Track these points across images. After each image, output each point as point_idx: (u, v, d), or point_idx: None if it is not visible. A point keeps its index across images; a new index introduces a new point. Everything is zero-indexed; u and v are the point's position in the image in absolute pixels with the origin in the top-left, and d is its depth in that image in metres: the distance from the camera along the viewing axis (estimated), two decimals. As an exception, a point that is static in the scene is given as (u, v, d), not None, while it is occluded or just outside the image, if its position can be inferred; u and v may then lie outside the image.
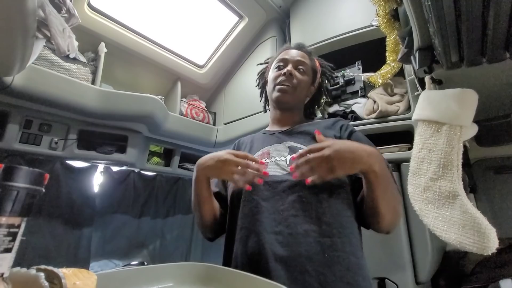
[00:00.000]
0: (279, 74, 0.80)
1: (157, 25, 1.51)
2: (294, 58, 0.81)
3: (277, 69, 0.82)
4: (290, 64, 0.81)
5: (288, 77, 0.78)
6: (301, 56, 0.82)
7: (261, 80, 0.96)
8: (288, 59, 0.82)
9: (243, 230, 0.64)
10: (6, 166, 0.28)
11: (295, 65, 0.81)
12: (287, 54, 0.83)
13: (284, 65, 0.82)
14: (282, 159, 0.70)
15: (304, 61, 0.82)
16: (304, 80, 0.81)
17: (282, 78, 0.79)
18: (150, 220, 1.68)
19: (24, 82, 1.01)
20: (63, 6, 0.79)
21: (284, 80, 0.79)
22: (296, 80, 0.79)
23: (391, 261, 0.95)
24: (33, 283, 0.30)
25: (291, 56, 0.82)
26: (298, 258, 0.57)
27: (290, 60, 0.81)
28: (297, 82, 0.79)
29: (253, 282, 0.46)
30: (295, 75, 0.79)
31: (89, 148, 1.32)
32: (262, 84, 0.96)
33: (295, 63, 0.81)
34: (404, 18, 0.79)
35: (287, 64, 0.81)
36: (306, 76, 0.82)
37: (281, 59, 0.83)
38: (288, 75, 0.78)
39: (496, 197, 1.23)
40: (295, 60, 0.81)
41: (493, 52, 0.57)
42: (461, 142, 0.65)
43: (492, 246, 0.56)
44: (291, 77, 0.78)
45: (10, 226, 0.27)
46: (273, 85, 0.81)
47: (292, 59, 0.81)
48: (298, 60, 0.81)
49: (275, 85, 0.80)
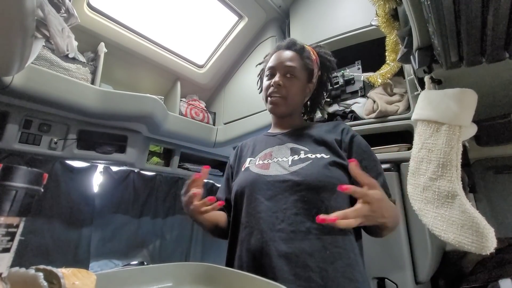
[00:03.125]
0: (269, 85, 0.79)
1: (156, 25, 1.51)
2: (282, 64, 0.79)
3: (267, 77, 0.81)
4: (277, 72, 0.79)
5: (277, 87, 0.77)
6: (290, 59, 0.79)
7: (261, 83, 0.95)
8: (275, 66, 0.80)
9: (247, 229, 0.66)
10: (5, 166, 0.28)
11: (284, 72, 0.78)
12: (276, 60, 0.81)
13: (272, 73, 0.80)
14: (284, 159, 0.71)
15: (293, 65, 0.78)
16: (295, 86, 0.79)
17: (272, 90, 0.78)
18: (150, 220, 1.68)
19: (24, 82, 1.01)
20: (62, 6, 0.79)
21: (274, 92, 0.78)
22: (286, 89, 0.77)
23: (391, 261, 0.96)
24: (32, 283, 0.30)
25: (279, 62, 0.80)
26: (301, 255, 0.58)
27: (277, 67, 0.79)
28: (286, 91, 0.77)
29: (252, 282, 0.46)
30: (284, 85, 0.77)
31: (89, 148, 1.32)
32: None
33: (283, 70, 0.78)
34: (404, 18, 0.79)
35: (275, 72, 0.80)
36: (297, 80, 0.79)
37: (270, 67, 0.81)
38: (276, 86, 0.77)
39: (495, 197, 1.23)
40: (283, 67, 0.79)
41: (492, 52, 0.57)
42: (460, 142, 0.66)
43: (490, 246, 0.57)
44: (280, 87, 0.77)
45: (8, 226, 0.27)
46: (265, 96, 0.81)
47: (280, 65, 0.79)
48: (286, 66, 0.78)
49: (266, 97, 0.81)
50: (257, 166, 0.74)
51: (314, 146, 0.72)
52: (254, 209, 0.66)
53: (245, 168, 0.77)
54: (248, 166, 0.76)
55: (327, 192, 0.63)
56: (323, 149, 0.71)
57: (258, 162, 0.75)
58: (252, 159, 0.78)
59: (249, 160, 0.78)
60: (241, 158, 0.84)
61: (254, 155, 0.79)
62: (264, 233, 0.62)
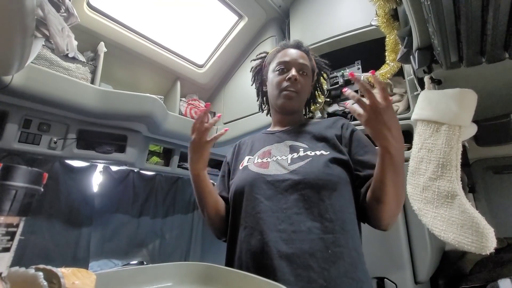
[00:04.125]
0: (283, 79, 0.77)
1: (156, 25, 1.51)
2: (297, 61, 0.78)
3: (279, 72, 0.79)
4: (293, 68, 0.77)
5: (293, 82, 0.76)
6: (302, 57, 0.80)
7: (258, 78, 0.93)
8: (290, 62, 0.78)
9: (247, 229, 0.65)
10: (5, 166, 0.28)
11: (298, 69, 0.78)
12: (288, 56, 0.80)
13: (287, 68, 0.78)
14: (283, 158, 0.70)
15: (306, 63, 0.80)
16: (307, 83, 0.80)
17: (287, 84, 0.76)
18: (150, 220, 1.68)
19: (23, 82, 1.01)
20: (62, 5, 0.79)
21: (289, 86, 0.76)
22: (300, 85, 0.77)
23: (390, 261, 0.96)
24: (31, 282, 0.30)
25: (292, 58, 0.79)
26: (302, 255, 0.57)
27: (292, 63, 0.78)
28: (301, 87, 0.78)
29: (252, 282, 0.46)
30: (299, 80, 0.77)
31: (88, 147, 1.32)
32: (260, 82, 0.92)
33: (298, 67, 0.78)
34: (404, 18, 0.79)
35: (290, 67, 0.78)
36: (308, 79, 0.80)
37: (283, 62, 0.79)
38: (293, 80, 0.76)
39: (495, 197, 1.23)
40: (297, 63, 0.78)
41: (492, 52, 0.57)
42: (460, 142, 0.66)
43: (490, 245, 0.57)
44: (296, 82, 0.76)
45: (8, 225, 0.27)
46: (278, 90, 0.78)
47: (295, 62, 0.78)
48: (300, 63, 0.78)
49: (280, 91, 0.78)
50: (256, 164, 0.73)
51: (314, 142, 0.72)
52: (254, 209, 0.65)
53: (244, 166, 0.75)
54: (246, 165, 0.75)
55: (327, 190, 0.63)
56: (323, 146, 0.70)
57: (257, 161, 0.74)
58: (250, 158, 0.77)
59: (247, 158, 0.77)
60: (238, 156, 0.83)
61: (253, 153, 0.78)
62: (264, 234, 0.61)
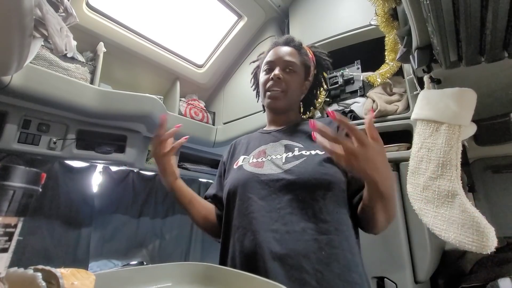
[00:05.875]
0: (268, 79, 0.78)
1: (156, 25, 1.51)
2: (282, 59, 0.78)
3: (265, 72, 0.80)
4: (277, 66, 0.77)
5: (276, 81, 0.76)
6: (289, 54, 0.79)
7: (255, 80, 0.94)
8: (274, 61, 0.78)
9: (240, 229, 0.64)
10: (3, 166, 0.28)
11: (283, 67, 0.77)
12: (275, 55, 0.79)
13: (271, 68, 0.79)
14: (278, 157, 0.70)
15: (292, 60, 0.78)
16: (295, 80, 0.78)
17: (271, 84, 0.77)
18: (149, 220, 1.68)
19: (22, 82, 1.00)
20: (60, 5, 0.78)
21: (272, 85, 0.76)
22: (285, 83, 0.76)
23: (390, 260, 0.95)
24: (30, 283, 0.30)
25: (278, 56, 0.79)
26: (295, 256, 0.56)
27: (276, 61, 0.78)
28: (286, 85, 0.76)
29: (252, 282, 0.46)
30: (283, 79, 0.76)
31: (88, 148, 1.32)
32: (256, 84, 0.93)
33: (283, 64, 0.77)
34: (403, 17, 0.79)
35: (274, 66, 0.78)
36: (296, 75, 0.78)
37: (268, 61, 0.80)
38: (276, 79, 0.76)
39: (494, 196, 1.23)
40: (282, 61, 0.78)
41: (491, 52, 0.57)
42: (460, 141, 0.66)
43: (491, 245, 0.57)
44: (280, 81, 0.76)
45: (6, 225, 0.27)
46: (263, 90, 0.79)
47: (279, 60, 0.78)
48: (285, 60, 0.77)
49: (265, 91, 0.79)
50: (250, 164, 0.73)
51: (309, 142, 0.71)
52: (247, 209, 0.64)
53: (238, 166, 0.75)
54: (241, 164, 0.74)
55: (321, 190, 0.62)
56: (319, 145, 0.70)
57: (252, 160, 0.74)
58: (245, 157, 0.77)
59: (242, 157, 0.77)
60: (234, 155, 0.83)
61: (248, 153, 0.78)
62: (257, 234, 0.60)
